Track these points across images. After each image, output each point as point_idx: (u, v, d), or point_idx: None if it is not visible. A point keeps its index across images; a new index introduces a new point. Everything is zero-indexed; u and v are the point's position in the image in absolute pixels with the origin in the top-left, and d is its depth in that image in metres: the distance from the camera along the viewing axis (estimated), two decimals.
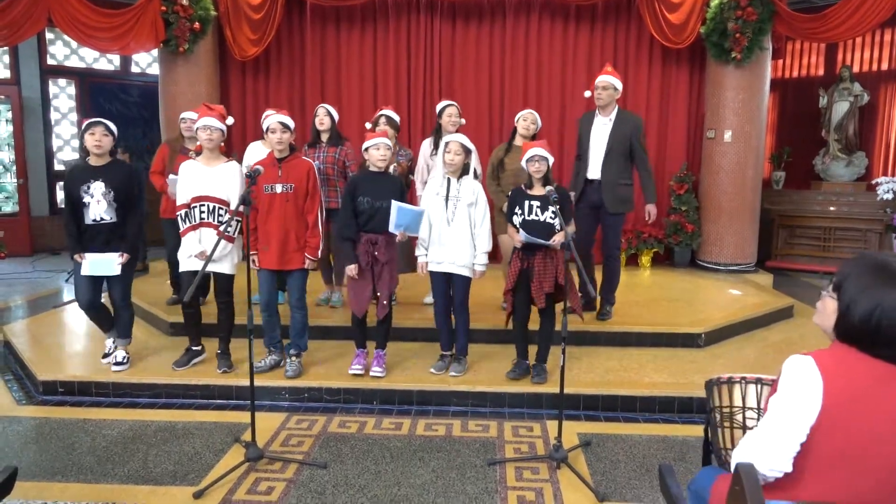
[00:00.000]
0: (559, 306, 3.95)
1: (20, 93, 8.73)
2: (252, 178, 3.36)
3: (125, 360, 4.31)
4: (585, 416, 3.96)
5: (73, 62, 9.28)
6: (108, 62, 9.54)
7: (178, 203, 4.11)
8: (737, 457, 1.61)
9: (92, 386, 4.18)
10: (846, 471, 1.47)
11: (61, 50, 9.17)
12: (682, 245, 7.36)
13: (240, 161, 4.83)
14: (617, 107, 4.88)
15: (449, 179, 4.03)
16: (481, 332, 4.67)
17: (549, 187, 3.70)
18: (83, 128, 4.05)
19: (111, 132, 4.07)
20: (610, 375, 4.27)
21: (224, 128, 4.07)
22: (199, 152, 4.21)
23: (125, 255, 4.12)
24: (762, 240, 7.58)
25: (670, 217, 7.41)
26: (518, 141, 4.88)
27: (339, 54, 7.61)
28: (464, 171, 4.05)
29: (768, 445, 1.55)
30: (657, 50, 7.41)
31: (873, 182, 7.89)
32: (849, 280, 1.56)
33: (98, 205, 4.04)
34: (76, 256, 4.12)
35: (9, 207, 9.00)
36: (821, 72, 8.69)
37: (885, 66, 8.19)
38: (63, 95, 9.23)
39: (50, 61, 9.07)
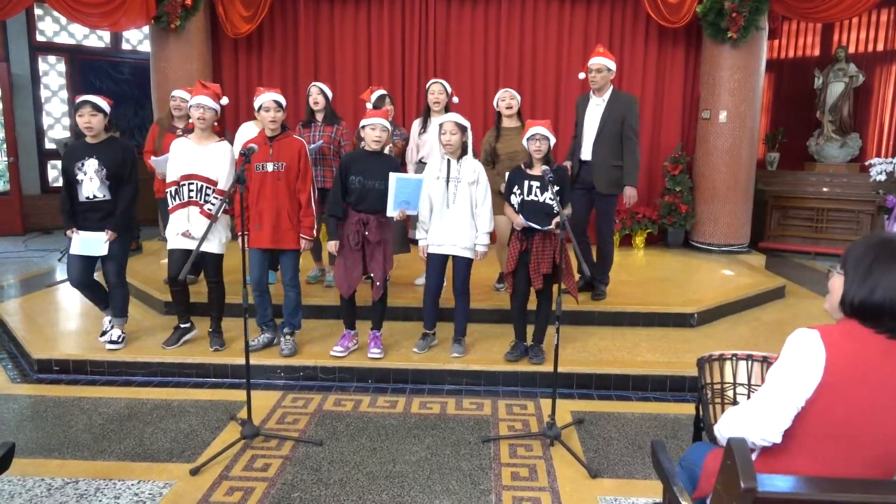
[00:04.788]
0: (556, 288, 3.95)
1: (9, 70, 8.60)
2: (246, 156, 3.34)
3: (120, 339, 4.31)
4: (579, 395, 4.00)
5: (63, 39, 9.15)
6: (98, 39, 9.41)
7: (168, 181, 4.11)
8: (729, 423, 1.64)
9: (87, 364, 4.19)
10: (842, 443, 1.50)
11: (50, 26, 9.03)
12: (675, 226, 7.38)
13: (231, 141, 4.81)
14: (612, 87, 4.84)
15: (449, 161, 3.98)
16: (476, 311, 4.68)
17: (544, 167, 3.69)
18: (75, 107, 4.05)
19: (101, 110, 4.04)
20: (603, 355, 4.31)
21: (217, 107, 4.04)
22: (190, 130, 4.19)
23: (112, 233, 4.10)
24: (755, 221, 7.60)
25: (664, 198, 7.42)
26: (505, 122, 4.84)
27: (333, 32, 7.53)
28: (463, 150, 4.00)
29: (763, 414, 1.58)
30: (653, 29, 7.36)
31: (866, 163, 7.91)
32: (853, 256, 1.59)
33: (91, 182, 4.04)
34: (69, 231, 4.13)
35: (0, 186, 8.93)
36: (816, 52, 8.66)
37: (880, 47, 8.17)
38: (53, 73, 9.11)
39: (39, 38, 8.93)
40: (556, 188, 3.71)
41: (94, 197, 4.07)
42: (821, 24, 8.36)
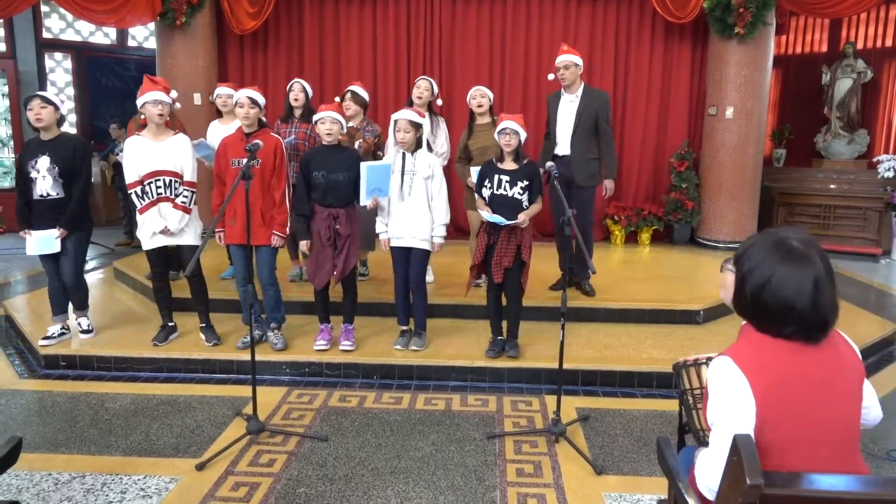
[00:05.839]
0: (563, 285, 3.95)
1: (16, 67, 8.64)
2: (252, 152, 3.35)
3: (90, 328, 4.42)
4: (584, 392, 3.99)
5: (69, 35, 9.18)
6: (104, 36, 9.44)
7: (129, 181, 4.03)
8: (700, 478, 1.58)
9: (93, 360, 4.21)
10: (801, 450, 1.49)
11: (57, 23, 9.06)
12: (681, 222, 7.36)
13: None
14: (583, 83, 4.91)
15: (404, 154, 3.99)
16: (477, 308, 4.66)
17: (549, 163, 3.69)
18: (24, 102, 4.04)
19: (51, 103, 4.00)
20: (608, 351, 4.30)
21: (170, 101, 4.02)
22: (143, 126, 4.15)
23: (62, 230, 4.06)
24: (762, 217, 7.57)
25: (670, 194, 7.39)
26: (477, 120, 4.92)
27: (339, 28, 7.53)
28: (417, 145, 4.00)
29: (715, 469, 1.51)
30: (660, 25, 7.33)
31: (874, 160, 7.86)
32: (746, 254, 1.57)
33: (44, 180, 4.02)
34: (22, 233, 4.11)
35: (6, 183, 8.96)
36: (824, 48, 8.61)
37: (889, 43, 8.11)
38: (59, 69, 9.14)
39: (46, 35, 8.96)
40: (525, 182, 3.77)
41: (48, 195, 4.04)
42: (829, 20, 8.31)
